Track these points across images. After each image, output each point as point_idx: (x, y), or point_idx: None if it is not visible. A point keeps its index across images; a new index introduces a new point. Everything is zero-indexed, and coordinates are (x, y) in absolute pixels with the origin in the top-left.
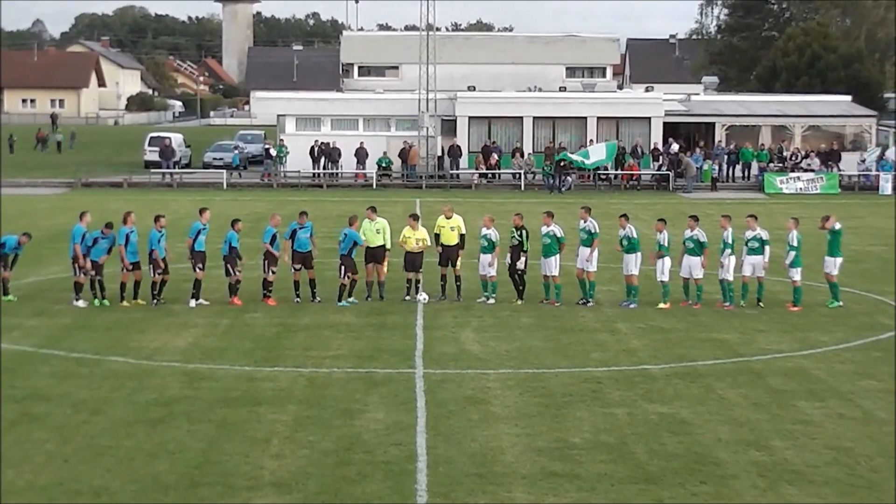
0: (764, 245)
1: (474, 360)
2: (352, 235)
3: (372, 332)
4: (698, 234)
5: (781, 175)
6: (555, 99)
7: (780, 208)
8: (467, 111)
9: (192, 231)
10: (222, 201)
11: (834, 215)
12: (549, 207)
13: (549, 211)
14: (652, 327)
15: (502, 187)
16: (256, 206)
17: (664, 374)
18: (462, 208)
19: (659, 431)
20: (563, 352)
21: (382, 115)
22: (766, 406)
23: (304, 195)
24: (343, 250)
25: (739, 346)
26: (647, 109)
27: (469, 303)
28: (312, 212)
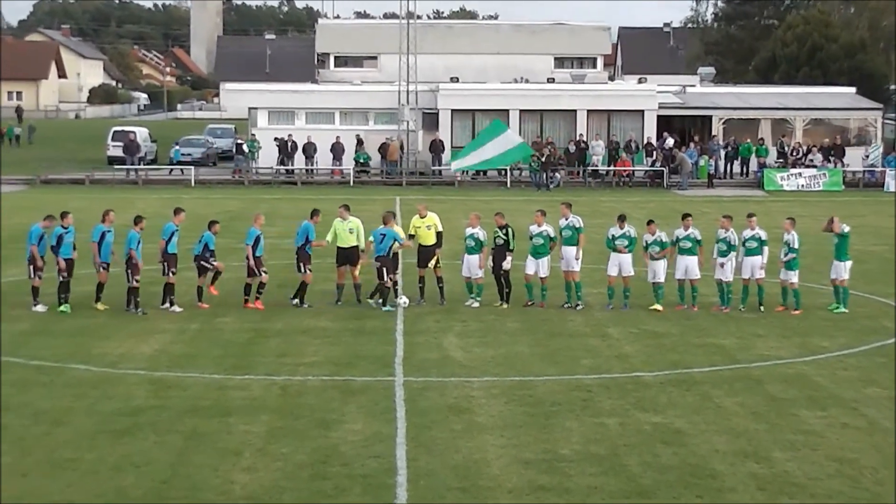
0: (763, 245)
1: (457, 367)
2: (391, 235)
3: (349, 338)
4: (693, 232)
5: (782, 171)
6: (542, 91)
7: (780, 206)
8: (450, 104)
9: (166, 232)
10: (190, 199)
11: (837, 217)
12: (537, 206)
13: (543, 210)
14: (645, 332)
15: (487, 184)
16: (227, 204)
17: (658, 381)
18: (445, 207)
19: (652, 442)
20: (551, 358)
21: (360, 108)
22: (766, 415)
23: (277, 193)
24: (381, 251)
25: (737, 352)
26: (640, 102)
27: (452, 306)
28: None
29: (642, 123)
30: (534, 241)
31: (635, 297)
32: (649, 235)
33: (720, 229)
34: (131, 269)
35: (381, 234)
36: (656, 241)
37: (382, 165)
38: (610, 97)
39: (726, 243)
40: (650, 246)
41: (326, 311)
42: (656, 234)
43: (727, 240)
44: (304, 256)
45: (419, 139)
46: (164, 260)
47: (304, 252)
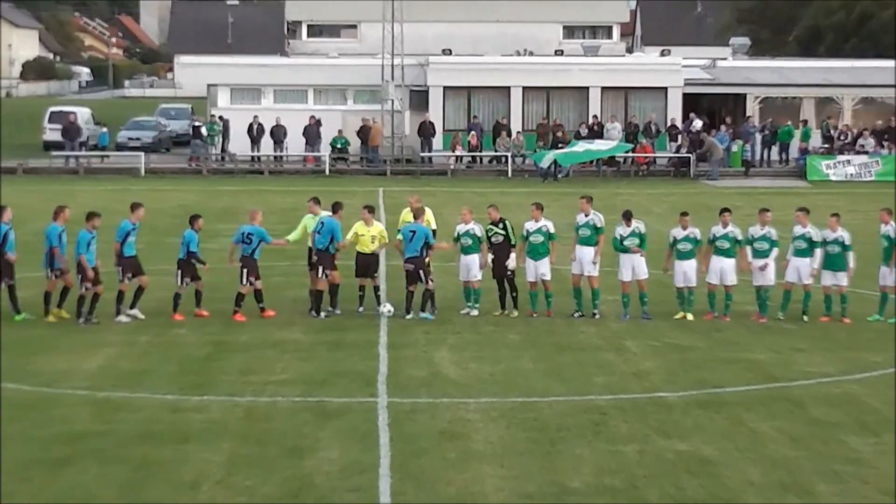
0: (813, 246)
1: (450, 386)
2: (422, 232)
3: (325, 352)
4: (733, 230)
5: (828, 158)
6: (549, 65)
7: (825, 199)
8: (441, 80)
9: (120, 232)
10: (140, 191)
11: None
12: (542, 198)
13: (539, 203)
14: (667, 345)
15: (485, 174)
16: (183, 197)
17: (682, 402)
18: (437, 200)
19: (676, 472)
20: (558, 375)
21: (337, 84)
22: (808, 441)
23: (240, 183)
24: (413, 251)
25: (775, 369)
26: (662, 78)
27: (444, 315)
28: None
29: (665, 103)
30: (531, 240)
31: (656, 305)
32: (680, 230)
33: (756, 225)
34: (81, 275)
35: (411, 230)
36: (688, 238)
37: (363, 152)
38: (628, 72)
39: (768, 241)
40: (679, 242)
41: (298, 321)
42: (689, 230)
43: (766, 235)
44: (327, 259)
45: (406, 121)
46: (119, 263)
47: (325, 254)
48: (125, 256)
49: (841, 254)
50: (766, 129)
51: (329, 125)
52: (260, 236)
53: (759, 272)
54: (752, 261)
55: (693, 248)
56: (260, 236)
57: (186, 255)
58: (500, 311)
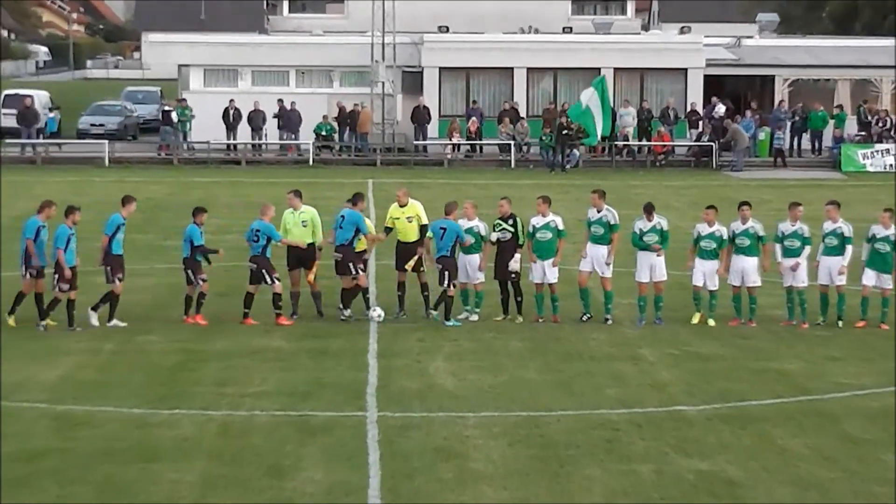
0: (845, 243)
1: (447, 399)
2: (453, 228)
3: (308, 361)
4: (753, 226)
5: (864, 147)
6: (557, 44)
7: (862, 192)
8: (437, 60)
9: (110, 226)
10: (104, 183)
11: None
12: (549, 191)
13: (546, 196)
14: (687, 354)
15: (485, 164)
16: (152, 189)
17: (704, 417)
18: (431, 193)
19: (697, 495)
20: (567, 387)
21: (322, 65)
22: (842, 461)
23: (215, 174)
24: (444, 250)
25: (806, 380)
26: (681, 58)
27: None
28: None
29: (685, 86)
30: (538, 237)
31: (673, 310)
32: (705, 226)
33: (786, 221)
34: (58, 275)
35: (442, 227)
36: (712, 236)
37: (350, 139)
38: (643, 52)
39: (800, 238)
40: (702, 240)
41: (279, 327)
42: (715, 227)
43: (800, 233)
44: (353, 256)
45: (398, 106)
46: (107, 263)
47: (349, 250)
48: (114, 255)
49: (890, 253)
50: (796, 114)
51: (313, 110)
52: (268, 233)
53: (790, 272)
54: (782, 260)
55: (717, 247)
56: (268, 233)
57: (191, 252)
58: (502, 316)
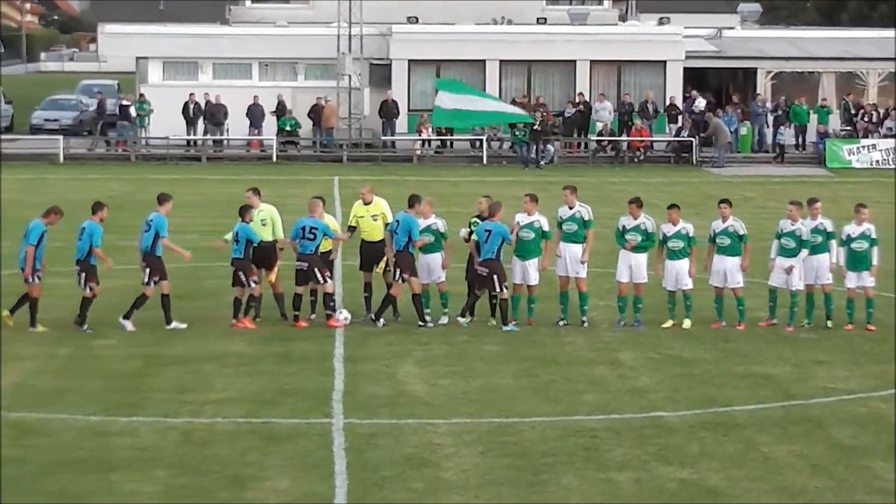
0: (829, 239)
1: (417, 406)
2: (498, 231)
3: (272, 367)
4: (734, 224)
5: (850, 142)
6: (530, 35)
7: (848, 189)
8: (407, 52)
9: (160, 225)
10: (58, 181)
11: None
12: (523, 188)
13: (534, 194)
14: (668, 358)
15: (457, 160)
16: (109, 187)
17: (686, 424)
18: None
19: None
20: (543, 393)
21: (286, 58)
22: (830, 468)
23: (175, 171)
24: (489, 253)
25: (792, 385)
26: (660, 50)
27: (409, 323)
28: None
29: (664, 79)
30: (521, 236)
31: (654, 312)
32: (670, 226)
33: (785, 220)
34: (86, 275)
35: (487, 230)
36: (679, 235)
37: (316, 135)
38: (621, 43)
39: (796, 239)
40: (669, 240)
41: (241, 331)
42: (679, 226)
43: (797, 235)
44: (407, 261)
45: (365, 99)
46: (149, 265)
47: (405, 255)
48: (156, 256)
49: (868, 251)
50: (779, 108)
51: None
52: (324, 231)
53: (782, 273)
54: (776, 257)
55: (685, 245)
56: (324, 231)
57: (244, 253)
58: (470, 319)
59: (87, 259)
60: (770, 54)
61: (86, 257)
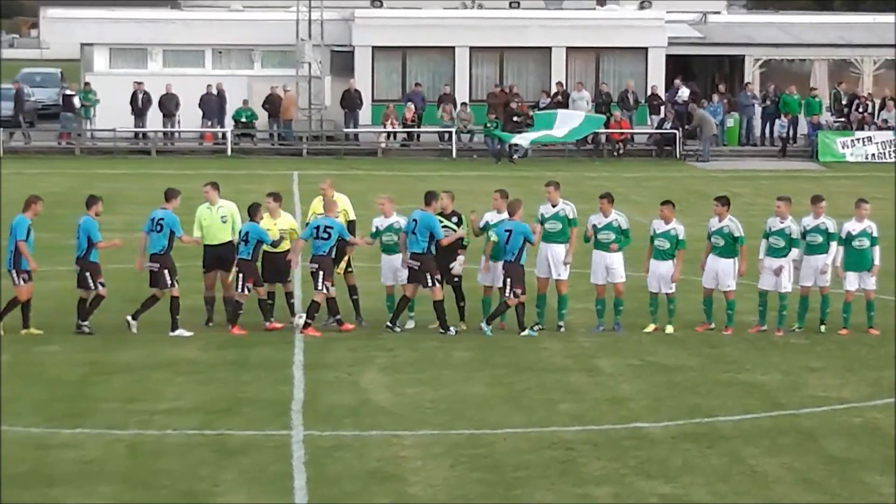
0: (830, 240)
1: (382, 416)
2: (520, 230)
3: (227, 374)
4: (730, 225)
5: (844, 135)
6: (503, 20)
7: (842, 184)
8: (370, 39)
9: (176, 225)
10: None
11: None
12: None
13: (503, 190)
14: (650, 365)
15: (424, 154)
16: (52, 182)
17: (669, 435)
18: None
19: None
20: (516, 402)
21: (242, 44)
22: (822, 482)
23: (122, 165)
24: (510, 254)
25: (782, 393)
26: (641, 36)
27: (373, 328)
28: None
29: (645, 67)
30: (492, 237)
31: (635, 315)
32: (661, 223)
33: (773, 218)
34: (90, 273)
35: (507, 229)
36: (667, 234)
37: (273, 127)
38: (599, 29)
39: (785, 238)
40: (656, 238)
41: (195, 336)
42: (671, 225)
43: (787, 233)
44: (432, 264)
45: (326, 89)
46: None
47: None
48: (170, 255)
49: (869, 249)
50: (768, 98)
51: (232, 94)
52: (340, 232)
53: (771, 274)
54: (764, 258)
55: (671, 246)
56: (340, 232)
57: (251, 254)
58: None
59: (87, 256)
60: (758, 41)
61: (85, 255)
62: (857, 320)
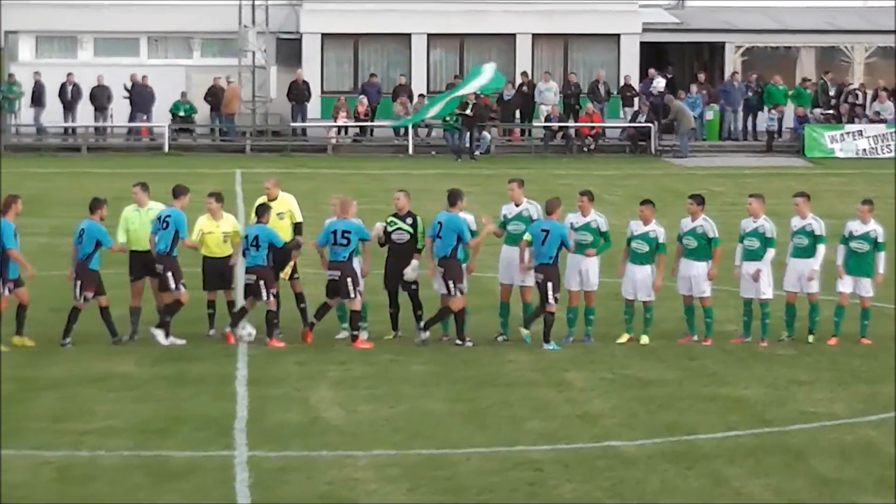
0: (817, 242)
1: (333, 435)
2: (557, 232)
3: (164, 390)
4: (704, 225)
5: (833, 129)
6: (463, 5)
7: (830, 182)
8: (319, 25)
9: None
10: None
11: None
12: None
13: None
14: (625, 378)
15: (378, 150)
16: None
17: (645, 454)
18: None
19: None
20: (479, 420)
21: (179, 31)
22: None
23: (50, 164)
24: (544, 258)
25: (767, 409)
26: (613, 22)
27: (323, 339)
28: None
29: (618, 55)
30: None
31: (608, 325)
32: (640, 224)
33: (746, 218)
34: (82, 282)
35: (544, 229)
36: (645, 237)
37: (214, 121)
38: (567, 15)
39: (760, 237)
40: (633, 240)
41: (128, 349)
42: (651, 226)
43: (760, 232)
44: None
45: (271, 80)
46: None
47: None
48: (174, 257)
49: (870, 253)
50: (750, 89)
51: (169, 86)
52: (359, 234)
53: (749, 280)
54: (741, 264)
55: (651, 250)
56: (359, 234)
57: (276, 258)
58: (392, 334)
59: (86, 263)
60: (740, 26)
61: (84, 261)
62: (848, 329)
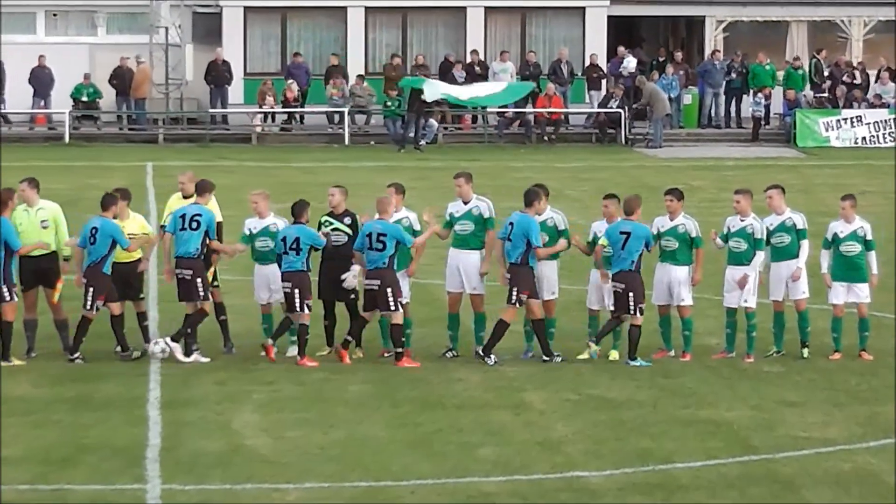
0: (801, 238)
1: (259, 465)
2: (642, 232)
3: (66, 415)
4: (686, 223)
5: (828, 114)
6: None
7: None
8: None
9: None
10: None
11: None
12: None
13: (398, 184)
14: (591, 399)
15: (310, 140)
16: None
17: (614, 486)
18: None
19: None
20: (425, 447)
21: (81, 5)
22: None
23: None
24: (629, 263)
25: (753, 433)
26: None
27: (247, 355)
28: None
29: (582, 31)
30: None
31: (573, 338)
32: (603, 223)
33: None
34: (94, 288)
35: (624, 231)
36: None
37: (122, 107)
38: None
39: (746, 238)
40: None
41: (23, 368)
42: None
43: (749, 232)
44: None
45: (187, 60)
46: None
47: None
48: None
49: (862, 254)
50: (733, 69)
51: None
52: (397, 236)
53: (734, 287)
54: (728, 269)
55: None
56: (397, 236)
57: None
58: (327, 350)
59: (100, 267)
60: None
61: (97, 265)
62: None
